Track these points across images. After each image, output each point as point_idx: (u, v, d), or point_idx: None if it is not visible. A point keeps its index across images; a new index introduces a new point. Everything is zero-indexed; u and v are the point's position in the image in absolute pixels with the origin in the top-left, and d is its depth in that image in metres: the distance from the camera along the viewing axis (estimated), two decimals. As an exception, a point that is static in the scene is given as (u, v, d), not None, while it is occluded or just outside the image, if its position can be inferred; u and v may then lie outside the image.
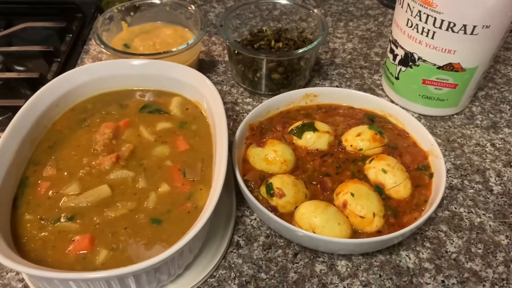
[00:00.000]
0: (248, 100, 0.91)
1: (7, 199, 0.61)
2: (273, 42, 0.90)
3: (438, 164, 0.69)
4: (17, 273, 0.63)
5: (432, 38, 0.76)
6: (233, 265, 0.64)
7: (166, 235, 0.59)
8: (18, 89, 0.94)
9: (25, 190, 0.63)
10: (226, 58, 1.02)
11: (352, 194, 0.64)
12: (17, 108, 0.82)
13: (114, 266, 0.55)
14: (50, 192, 0.63)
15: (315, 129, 0.73)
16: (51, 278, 0.51)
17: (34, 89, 0.90)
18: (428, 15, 0.75)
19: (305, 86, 0.94)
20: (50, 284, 0.54)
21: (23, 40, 1.05)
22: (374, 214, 0.63)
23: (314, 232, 0.61)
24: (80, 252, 0.57)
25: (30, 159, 0.67)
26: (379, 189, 0.67)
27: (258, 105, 0.87)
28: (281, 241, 0.67)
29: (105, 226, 0.60)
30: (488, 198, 0.74)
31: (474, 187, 0.76)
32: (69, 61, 0.98)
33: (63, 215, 0.60)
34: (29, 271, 0.49)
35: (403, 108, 0.82)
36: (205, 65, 0.99)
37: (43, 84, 0.86)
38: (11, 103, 0.83)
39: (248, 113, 0.86)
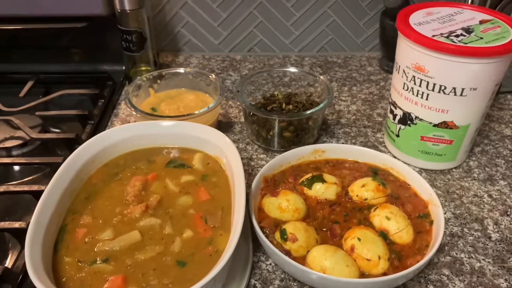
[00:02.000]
0: (262, 156, 1.00)
1: (50, 243, 0.68)
2: (284, 105, 1.00)
3: (437, 212, 0.76)
4: (54, 313, 0.68)
5: (427, 99, 0.86)
6: (250, 306, 0.70)
7: (190, 275, 0.65)
8: (54, 149, 1.04)
9: (65, 236, 0.71)
10: (242, 119, 1.12)
11: (359, 239, 0.70)
12: (55, 164, 0.92)
13: (144, 303, 0.62)
14: (87, 237, 0.70)
15: (323, 181, 0.81)
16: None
17: (70, 148, 1.00)
18: (421, 80, 0.84)
19: (314, 143, 1.02)
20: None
21: (58, 105, 1.17)
22: (379, 257, 0.69)
23: (324, 273, 0.66)
24: (114, 290, 0.63)
25: (69, 209, 0.75)
26: (383, 235, 0.73)
27: (271, 160, 0.96)
28: (295, 284, 0.73)
29: (136, 268, 0.66)
30: (487, 244, 0.79)
31: (473, 234, 0.81)
32: (101, 123, 1.09)
33: (98, 258, 0.67)
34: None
35: (405, 162, 0.90)
36: (223, 125, 1.09)
37: (78, 144, 0.96)
38: (50, 160, 0.92)
39: (262, 167, 0.94)
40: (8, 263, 0.76)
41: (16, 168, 0.99)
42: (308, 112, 0.93)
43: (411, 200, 0.81)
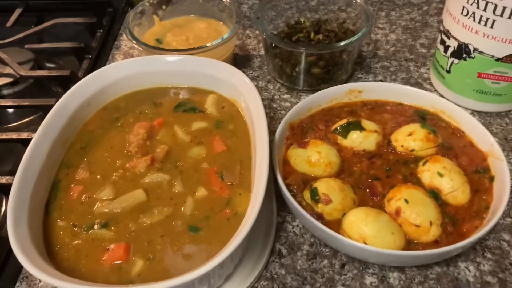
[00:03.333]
0: (285, 96, 0.86)
1: (39, 204, 0.58)
2: (312, 34, 0.84)
3: (500, 166, 0.63)
4: (50, 281, 0.60)
5: (491, 27, 0.69)
6: (275, 276, 0.60)
7: (205, 244, 0.55)
8: (50, 87, 0.92)
9: (58, 194, 0.61)
10: (262, 52, 0.97)
11: (406, 201, 0.58)
12: (49, 107, 0.79)
13: (150, 278, 0.53)
14: (83, 196, 0.60)
15: (362, 128, 0.68)
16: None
17: (65, 87, 0.88)
18: (487, 2, 0.68)
19: (347, 80, 0.88)
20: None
21: (54, 36, 1.04)
22: (431, 223, 0.57)
23: (365, 243, 0.55)
24: (115, 262, 0.53)
25: (62, 161, 0.65)
26: (435, 195, 0.61)
27: (296, 101, 0.82)
28: (327, 250, 0.62)
29: (141, 234, 0.56)
30: (555, 203, 0.67)
31: (538, 191, 0.69)
32: (100, 58, 0.96)
33: (97, 221, 0.57)
34: (62, 285, 0.46)
35: (455, 103, 0.75)
36: (239, 60, 0.94)
37: (74, 82, 0.83)
38: (42, 102, 0.80)
39: (286, 111, 0.81)
40: (-3, 221, 0.66)
41: (9, 110, 0.88)
42: (343, 43, 0.78)
43: (467, 151, 0.67)
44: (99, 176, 0.63)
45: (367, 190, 0.63)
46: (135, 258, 0.54)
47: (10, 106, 0.82)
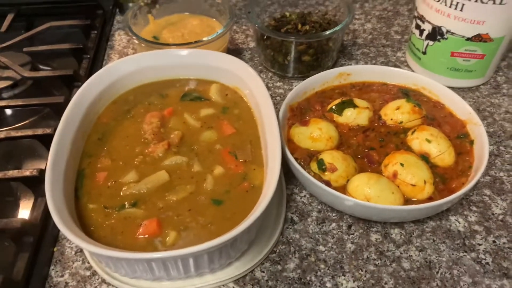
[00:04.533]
0: (278, 84, 0.93)
1: (70, 190, 0.62)
2: (299, 26, 0.91)
3: (478, 131, 0.71)
4: (83, 262, 0.64)
5: (461, 10, 0.79)
6: (291, 240, 0.66)
7: (229, 214, 0.61)
8: (49, 88, 0.94)
9: (84, 181, 0.65)
10: (250, 45, 1.03)
11: (402, 164, 0.66)
12: (56, 104, 0.84)
13: (184, 246, 0.57)
14: (109, 181, 0.64)
15: (355, 106, 0.75)
16: (134, 260, 0.52)
17: (68, 86, 0.92)
18: (456, -12, 0.77)
19: (333, 67, 0.95)
20: (127, 265, 0.55)
21: (45, 41, 1.06)
22: (425, 182, 0.65)
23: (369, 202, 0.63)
24: (150, 235, 0.58)
25: (84, 152, 0.69)
26: (425, 158, 0.69)
27: (289, 88, 0.89)
28: (334, 214, 0.69)
29: (169, 209, 0.61)
30: (525, 161, 0.77)
31: (510, 152, 0.78)
32: (97, 58, 0.99)
33: (126, 202, 0.62)
34: (119, 255, 0.51)
35: (432, 81, 0.84)
36: (231, 53, 0.98)
37: (77, 81, 0.87)
38: (51, 100, 0.83)
39: (280, 97, 0.88)
40: (23, 214, 0.70)
41: (8, 112, 0.90)
42: (329, 31, 0.85)
43: (448, 121, 0.76)
44: (121, 163, 0.67)
45: (365, 159, 0.70)
46: (167, 231, 0.59)
47: (18, 106, 0.84)
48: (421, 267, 0.63)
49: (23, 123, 0.89)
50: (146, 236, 0.58)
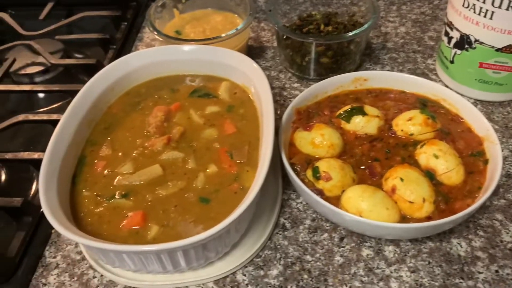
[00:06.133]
0: (295, 85, 0.91)
1: (67, 176, 0.65)
2: (322, 26, 0.89)
3: (494, 150, 0.66)
4: (76, 246, 0.67)
5: (491, 18, 0.73)
6: (278, 246, 0.65)
7: (214, 213, 0.61)
8: (77, 75, 0.99)
9: (83, 169, 0.67)
10: (275, 44, 1.02)
11: (402, 179, 0.63)
12: (76, 92, 0.87)
13: (165, 241, 0.58)
14: (106, 170, 0.66)
15: (364, 113, 0.72)
16: (107, 250, 0.54)
17: (91, 75, 0.94)
18: (486, -6, 0.71)
19: (355, 70, 0.92)
20: (105, 256, 0.57)
21: (82, 29, 1.11)
22: (424, 200, 0.61)
23: (361, 216, 0.60)
24: (133, 227, 0.59)
25: (88, 140, 0.71)
26: (430, 175, 0.65)
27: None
28: (327, 225, 0.67)
29: (157, 204, 0.62)
30: (550, 187, 0.70)
31: (534, 175, 0.72)
32: (124, 48, 1.02)
33: (117, 192, 0.63)
34: (90, 244, 0.52)
35: (458, 93, 0.78)
36: (253, 51, 1.00)
37: (99, 70, 0.90)
38: (70, 87, 0.87)
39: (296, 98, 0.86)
40: (32, 194, 0.73)
41: (41, 95, 0.96)
42: (350, 34, 0.82)
43: (464, 136, 0.71)
44: (120, 153, 0.69)
45: (367, 170, 0.67)
46: (150, 224, 0.60)
47: (41, 91, 0.89)
48: (410, 290, 0.59)
49: (51, 107, 0.94)
50: (130, 228, 0.60)
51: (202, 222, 0.60)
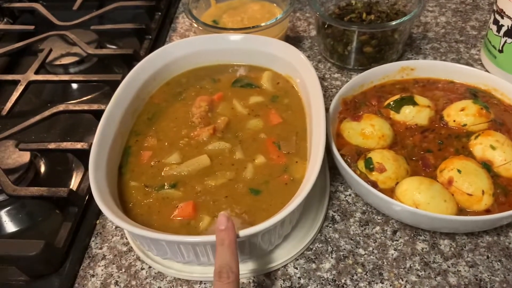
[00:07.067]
0: (336, 75, 0.89)
1: (114, 167, 0.64)
2: (364, 15, 0.86)
3: (555, 141, 0.64)
4: (122, 237, 0.66)
5: (548, 4, 0.70)
6: (329, 239, 0.63)
7: (265, 205, 0.59)
8: (111, 66, 0.98)
9: (129, 159, 0.66)
10: (312, 34, 1.00)
11: (459, 171, 0.60)
12: (113, 82, 0.86)
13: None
14: (153, 161, 0.65)
15: (414, 103, 0.70)
16: (172, 242, 0.53)
17: (128, 65, 0.94)
18: (544, -21, 0.68)
19: (397, 60, 0.89)
20: (156, 247, 0.56)
21: (113, 20, 1.09)
22: (483, 192, 0.59)
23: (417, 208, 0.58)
24: (185, 218, 0.58)
25: (132, 130, 0.70)
26: (487, 166, 0.63)
27: (346, 80, 0.85)
28: (379, 218, 0.65)
29: (207, 194, 0.61)
30: None
31: None
32: (159, 39, 1.01)
33: (166, 182, 0.62)
34: (139, 232, 0.51)
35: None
36: (290, 41, 0.97)
37: (136, 60, 0.89)
38: (109, 77, 0.86)
39: (337, 89, 0.84)
40: (73, 185, 0.73)
41: (74, 86, 0.95)
42: (396, 22, 0.80)
43: (519, 127, 0.68)
44: (166, 143, 0.68)
45: (420, 162, 0.65)
46: (202, 215, 0.58)
47: (80, 81, 0.88)
48: (470, 285, 0.57)
49: (86, 97, 0.93)
50: (181, 218, 0.58)
51: (254, 213, 0.59)
